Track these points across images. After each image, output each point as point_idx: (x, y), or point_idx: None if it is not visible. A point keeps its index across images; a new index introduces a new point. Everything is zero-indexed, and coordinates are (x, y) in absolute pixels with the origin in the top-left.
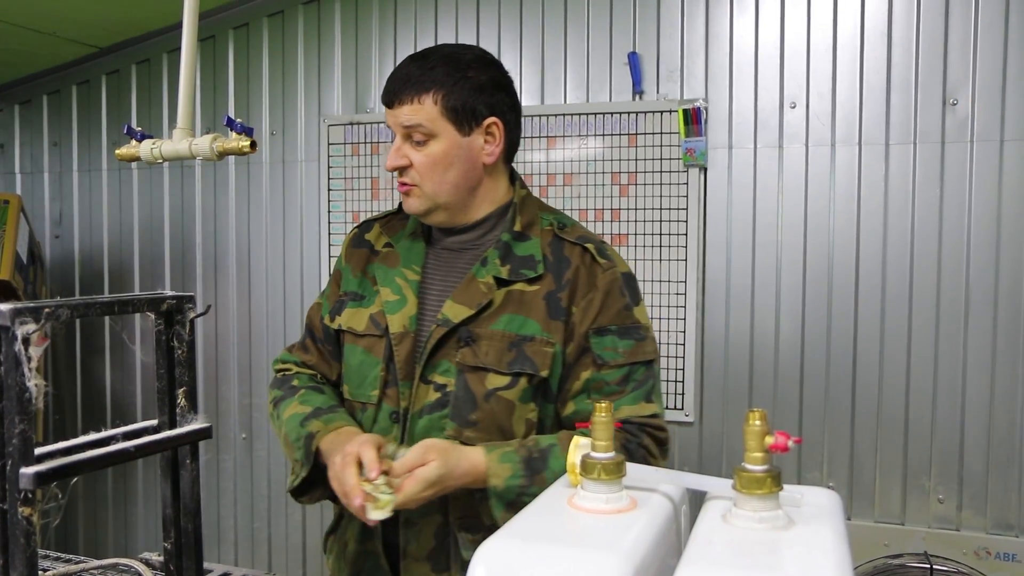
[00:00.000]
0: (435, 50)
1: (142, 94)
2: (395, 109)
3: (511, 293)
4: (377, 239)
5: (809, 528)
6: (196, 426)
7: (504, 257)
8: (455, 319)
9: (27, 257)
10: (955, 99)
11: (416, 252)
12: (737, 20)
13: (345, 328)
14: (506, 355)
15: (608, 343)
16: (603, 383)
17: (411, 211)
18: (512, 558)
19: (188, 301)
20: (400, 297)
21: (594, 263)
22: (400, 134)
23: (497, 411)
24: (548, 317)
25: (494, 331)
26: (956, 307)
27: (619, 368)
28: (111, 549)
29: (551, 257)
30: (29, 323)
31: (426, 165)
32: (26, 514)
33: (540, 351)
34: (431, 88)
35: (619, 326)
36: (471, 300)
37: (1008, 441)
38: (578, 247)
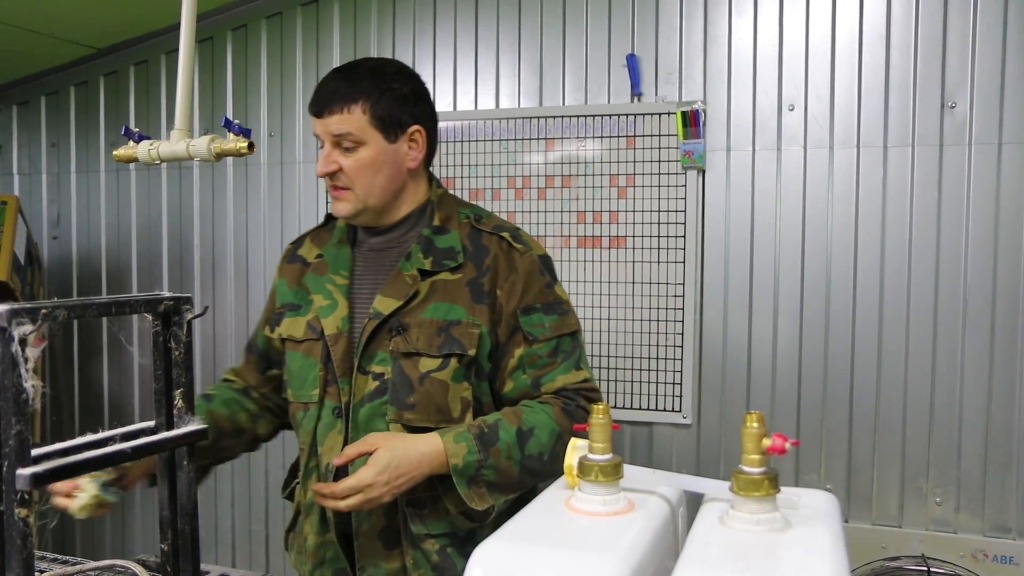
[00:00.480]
0: (360, 63)
1: (140, 95)
2: (324, 119)
3: (435, 283)
4: (308, 252)
5: (806, 530)
6: (193, 427)
7: (426, 250)
8: (385, 311)
9: (24, 258)
10: (953, 102)
11: (343, 258)
12: (735, 22)
13: (286, 336)
14: (435, 339)
15: (536, 320)
16: (535, 357)
17: (340, 213)
18: (509, 560)
19: (185, 302)
20: (331, 301)
21: (511, 249)
22: (330, 142)
23: (432, 392)
24: (472, 301)
25: (423, 319)
26: (954, 310)
27: (548, 342)
28: (108, 551)
29: (470, 247)
30: (26, 324)
31: (356, 170)
32: (22, 515)
33: (467, 332)
34: (359, 99)
35: (543, 303)
36: (399, 292)
37: (1005, 444)
38: (495, 236)
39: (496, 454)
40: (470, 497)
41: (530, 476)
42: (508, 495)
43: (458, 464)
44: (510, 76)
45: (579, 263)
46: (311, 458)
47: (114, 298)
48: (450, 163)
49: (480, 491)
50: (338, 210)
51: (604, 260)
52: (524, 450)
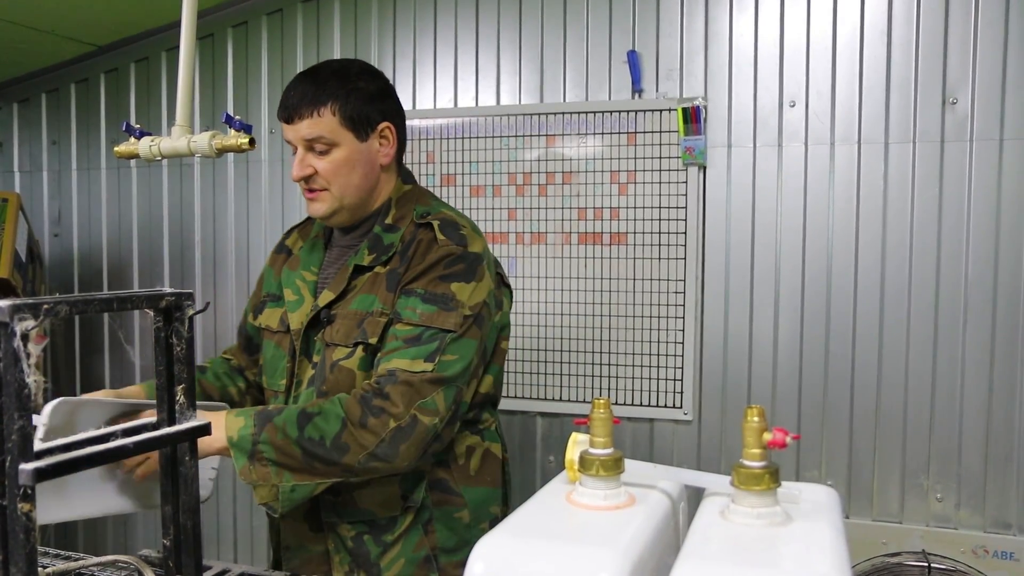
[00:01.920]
0: (323, 66)
1: (141, 92)
2: (295, 124)
3: (369, 276)
4: (294, 244)
5: (807, 524)
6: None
7: (372, 247)
8: (321, 303)
9: (26, 255)
10: (955, 98)
11: (316, 254)
12: (736, 19)
13: (263, 326)
14: (354, 331)
15: (410, 303)
16: (394, 337)
17: (317, 214)
18: (510, 554)
19: (187, 298)
20: (298, 297)
21: (433, 240)
22: (302, 146)
23: (340, 379)
24: (387, 291)
25: (349, 311)
26: (955, 306)
27: (413, 327)
28: (110, 546)
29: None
30: (28, 319)
31: (331, 171)
32: (25, 510)
33: (374, 321)
34: (327, 101)
35: (427, 291)
36: (337, 286)
37: (1006, 440)
38: (424, 226)
39: (272, 430)
40: (247, 472)
41: (320, 462)
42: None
43: (233, 437)
44: (511, 72)
45: (580, 259)
46: None
47: (115, 294)
48: (451, 160)
49: (264, 469)
50: (314, 211)
51: (605, 256)
52: (303, 431)
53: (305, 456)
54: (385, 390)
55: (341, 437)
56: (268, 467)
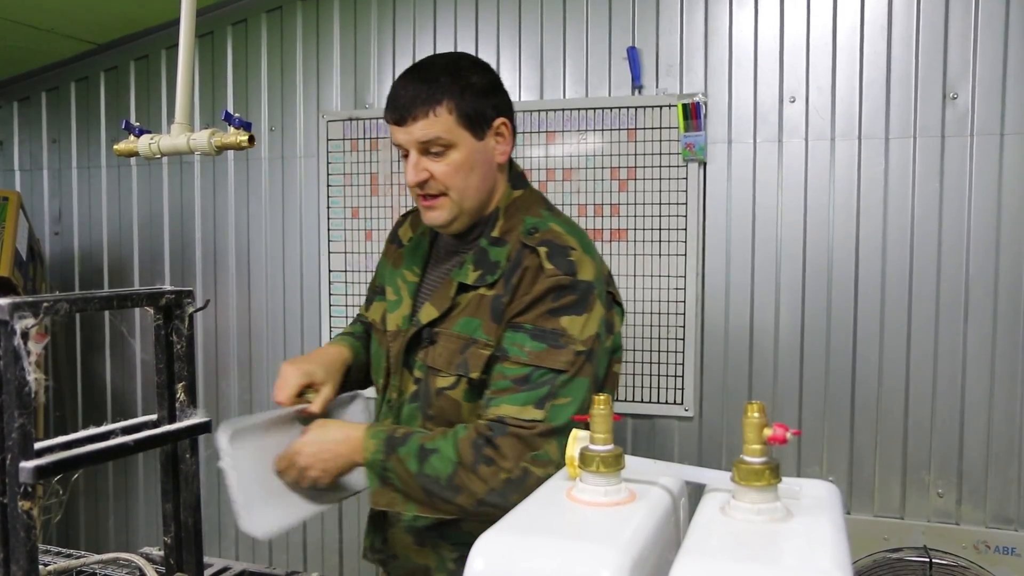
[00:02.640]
0: (431, 62)
1: (141, 91)
2: (407, 126)
3: (473, 297)
4: (405, 233)
5: (807, 520)
6: (195, 420)
7: (477, 262)
8: (423, 320)
9: (26, 254)
10: (955, 93)
11: (420, 253)
12: (736, 14)
13: (369, 320)
14: (455, 358)
15: (518, 339)
16: (502, 376)
17: (435, 223)
18: (511, 550)
19: (187, 296)
20: (398, 298)
21: (540, 269)
22: (416, 149)
23: (446, 408)
24: (491, 320)
25: (452, 333)
26: (956, 301)
27: (521, 367)
28: (112, 544)
29: (511, 262)
30: (28, 317)
31: (449, 174)
32: (26, 508)
33: (477, 353)
34: (443, 99)
35: (535, 327)
36: (440, 303)
37: (1007, 435)
38: (532, 251)
39: (396, 460)
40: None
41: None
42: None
43: (367, 458)
44: (511, 69)
45: None
46: None
47: (116, 292)
48: None
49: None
50: (433, 219)
51: (605, 253)
52: (423, 467)
53: (425, 492)
54: (496, 441)
55: (454, 479)
56: (396, 494)
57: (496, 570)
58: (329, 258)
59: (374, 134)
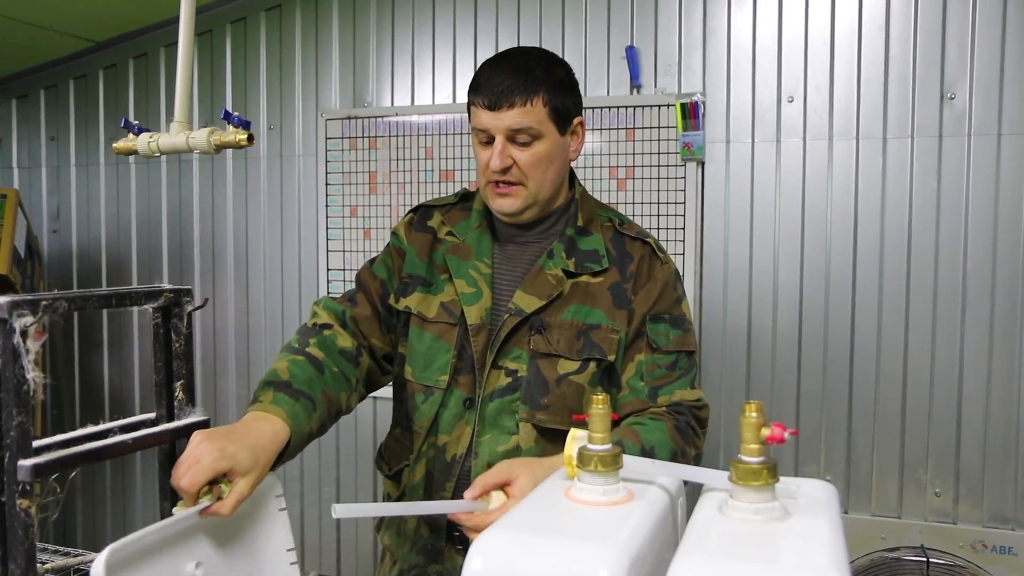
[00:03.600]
0: (523, 52)
1: (140, 89)
2: (500, 112)
3: (577, 285)
4: (439, 227)
5: (805, 519)
6: (194, 419)
7: (569, 251)
8: (527, 309)
9: (25, 252)
10: (952, 93)
11: (485, 246)
12: (735, 14)
13: (414, 312)
14: (575, 343)
15: (662, 330)
16: (655, 366)
17: (507, 210)
18: (509, 549)
19: (185, 294)
20: (476, 290)
21: (654, 256)
22: (504, 135)
23: (568, 394)
24: (613, 307)
25: (563, 320)
26: (953, 300)
27: (669, 354)
28: (110, 542)
29: (614, 252)
30: (27, 315)
31: (531, 164)
32: (24, 506)
33: (607, 338)
34: (539, 91)
35: (671, 315)
36: (541, 291)
37: (1004, 435)
38: (639, 242)
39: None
40: None
41: None
42: None
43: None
44: None
45: None
46: (426, 442)
47: (114, 290)
48: (450, 155)
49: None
50: (505, 206)
51: None
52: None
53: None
54: (691, 424)
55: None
56: None
57: (495, 569)
58: (327, 256)
59: (373, 133)
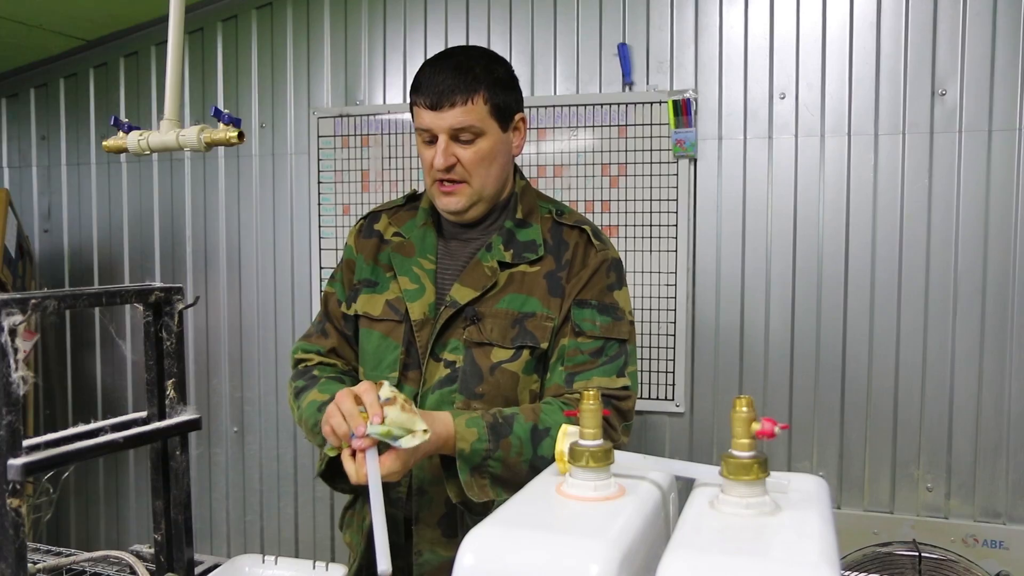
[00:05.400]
0: (464, 52)
1: (130, 87)
2: (443, 112)
3: (513, 275)
4: (386, 229)
5: (796, 514)
6: (185, 417)
7: (507, 243)
8: (462, 300)
9: (15, 252)
10: (944, 89)
11: (429, 242)
12: (727, 11)
13: (361, 313)
14: (509, 331)
15: (587, 315)
16: (577, 351)
17: (452, 208)
18: (500, 544)
19: (176, 293)
20: (419, 286)
21: (589, 244)
22: (447, 135)
23: (502, 382)
24: (548, 295)
25: (498, 310)
26: (944, 296)
27: (594, 340)
28: (102, 542)
29: (551, 240)
30: (16, 314)
31: (474, 162)
32: (15, 505)
33: (540, 326)
34: (480, 88)
35: (599, 302)
36: (476, 283)
37: (995, 430)
38: (576, 229)
39: (507, 447)
40: (469, 486)
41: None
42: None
43: (465, 449)
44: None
45: None
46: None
47: (105, 288)
48: None
49: (483, 483)
50: (451, 205)
51: None
52: (537, 449)
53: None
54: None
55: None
56: (486, 480)
57: (486, 565)
58: (320, 255)
59: (365, 131)
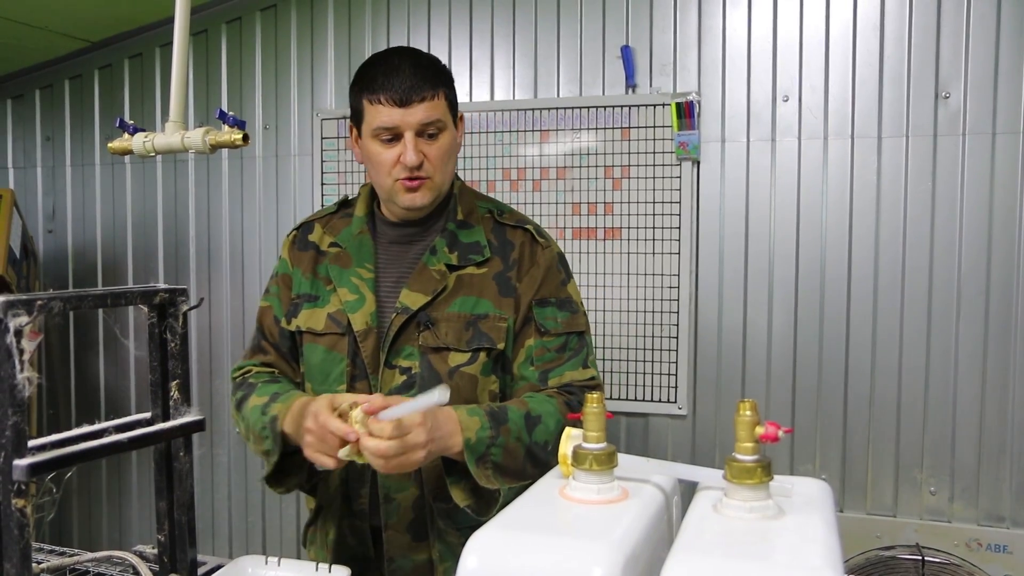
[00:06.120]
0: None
1: (135, 88)
2: (411, 107)
3: (461, 277)
4: (321, 239)
5: (799, 517)
6: (189, 418)
7: (451, 245)
8: (413, 306)
9: (20, 252)
10: (947, 92)
11: (366, 250)
12: (730, 13)
13: (304, 329)
14: (464, 334)
15: (549, 313)
16: (544, 350)
17: (416, 205)
18: (504, 547)
19: (181, 294)
20: (359, 296)
21: (534, 242)
22: (414, 131)
23: (462, 386)
24: (499, 295)
25: (450, 313)
26: (948, 299)
27: (558, 336)
28: (105, 542)
29: (495, 242)
30: (22, 315)
31: (439, 156)
32: (19, 506)
33: (495, 327)
34: (440, 85)
35: (557, 299)
36: (426, 287)
37: (999, 433)
38: (519, 229)
39: (506, 433)
40: (479, 476)
41: (533, 465)
42: (511, 483)
43: (471, 438)
44: (505, 68)
45: (574, 255)
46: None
47: (109, 290)
48: None
49: (486, 472)
50: (415, 201)
51: (599, 252)
52: (532, 435)
53: (527, 459)
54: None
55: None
56: (489, 470)
57: (489, 568)
58: None
59: None
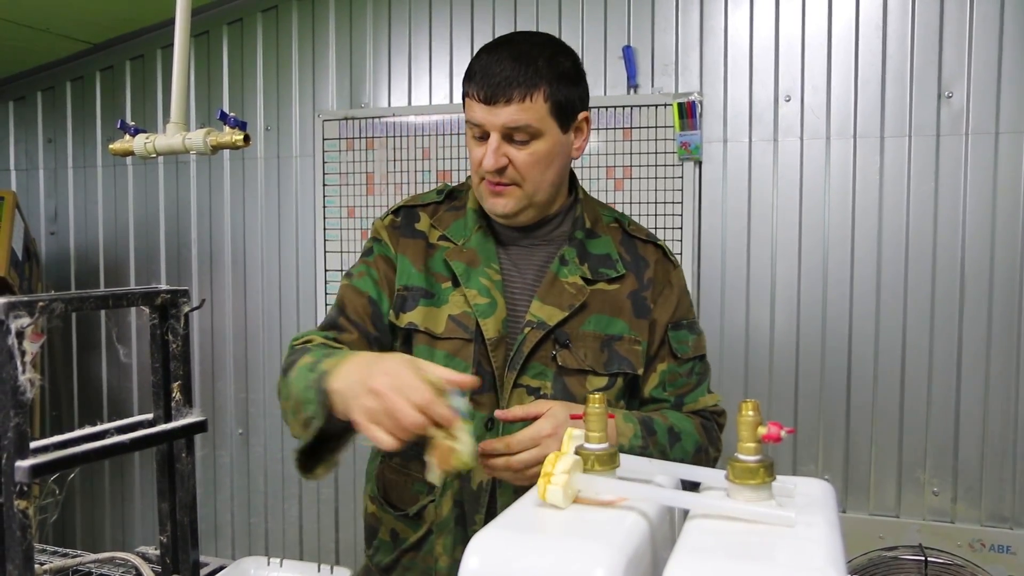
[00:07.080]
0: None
1: (136, 90)
2: (496, 107)
3: (595, 293)
4: (429, 231)
5: (801, 518)
6: (191, 420)
7: (581, 256)
8: (550, 321)
9: (22, 253)
10: (950, 92)
11: (490, 250)
12: (732, 14)
13: (421, 328)
14: (600, 356)
15: (683, 337)
16: (677, 375)
17: (500, 211)
18: (505, 548)
19: (183, 295)
20: (490, 300)
21: (667, 261)
22: (499, 133)
23: None
24: (634, 316)
25: (584, 332)
26: (951, 299)
27: (689, 361)
28: (108, 544)
29: (627, 256)
30: (23, 317)
31: (529, 164)
32: (22, 507)
33: (631, 350)
34: (540, 85)
35: (688, 321)
36: (561, 301)
37: (1002, 434)
38: (651, 245)
39: (654, 444)
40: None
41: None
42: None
43: (624, 444)
44: None
45: None
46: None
47: (111, 291)
48: (448, 156)
49: None
50: (498, 207)
51: None
52: (671, 450)
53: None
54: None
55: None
56: None
57: (491, 568)
58: (325, 257)
59: (370, 133)
